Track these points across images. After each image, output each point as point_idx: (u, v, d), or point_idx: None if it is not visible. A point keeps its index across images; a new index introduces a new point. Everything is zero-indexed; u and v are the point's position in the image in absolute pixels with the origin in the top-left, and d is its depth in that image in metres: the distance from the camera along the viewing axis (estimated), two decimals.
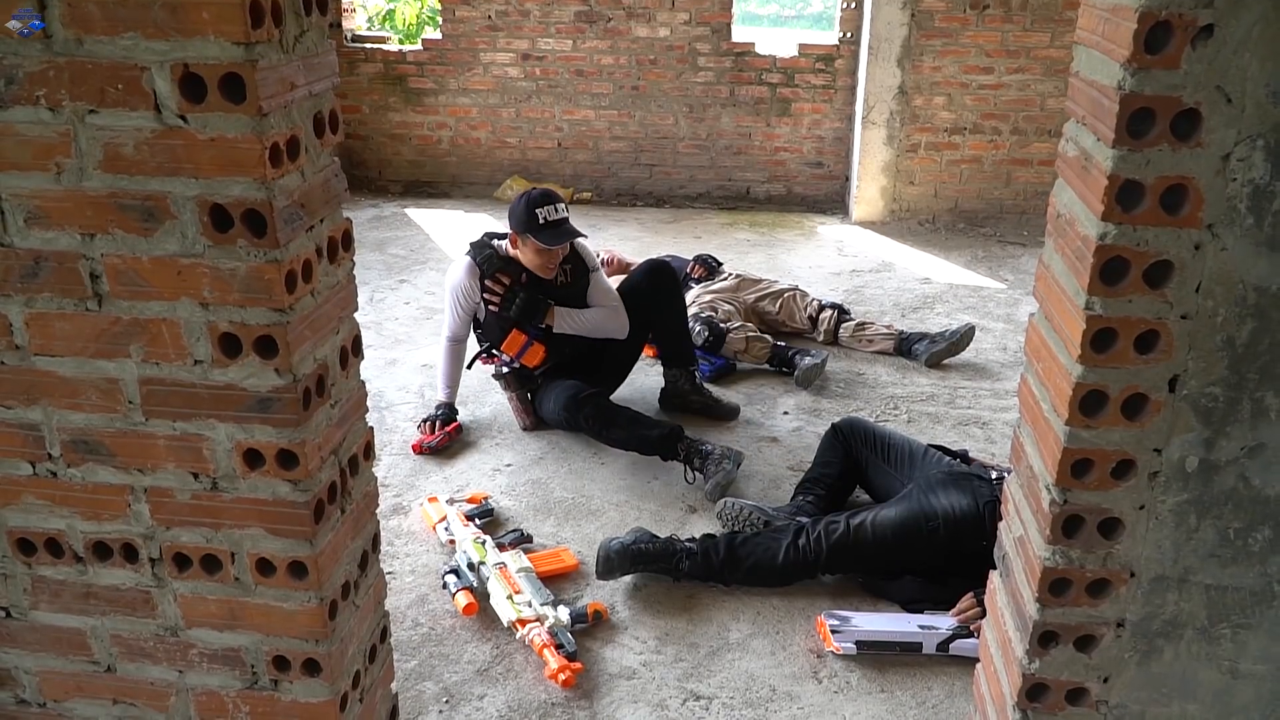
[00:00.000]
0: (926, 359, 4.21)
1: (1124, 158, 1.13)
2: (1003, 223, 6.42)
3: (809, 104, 6.71)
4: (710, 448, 3.19)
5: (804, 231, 6.33)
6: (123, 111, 1.23)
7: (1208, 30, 1.08)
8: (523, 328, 3.43)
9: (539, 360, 3.47)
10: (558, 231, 3.33)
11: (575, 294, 3.54)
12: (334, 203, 1.42)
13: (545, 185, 6.86)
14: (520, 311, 3.39)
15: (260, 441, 1.36)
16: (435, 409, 3.56)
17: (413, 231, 6.20)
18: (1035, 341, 1.40)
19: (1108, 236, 1.16)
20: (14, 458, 1.43)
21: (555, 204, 3.34)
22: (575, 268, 3.54)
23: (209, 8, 1.15)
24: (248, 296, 1.29)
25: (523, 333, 3.43)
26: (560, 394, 3.41)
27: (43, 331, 1.35)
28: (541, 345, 3.45)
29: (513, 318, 3.40)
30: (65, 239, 1.30)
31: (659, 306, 3.64)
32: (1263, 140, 1.11)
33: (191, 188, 1.25)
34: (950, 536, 2.60)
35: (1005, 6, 6.00)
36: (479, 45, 6.78)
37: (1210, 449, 1.25)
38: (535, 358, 3.46)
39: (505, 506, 3.11)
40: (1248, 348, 1.19)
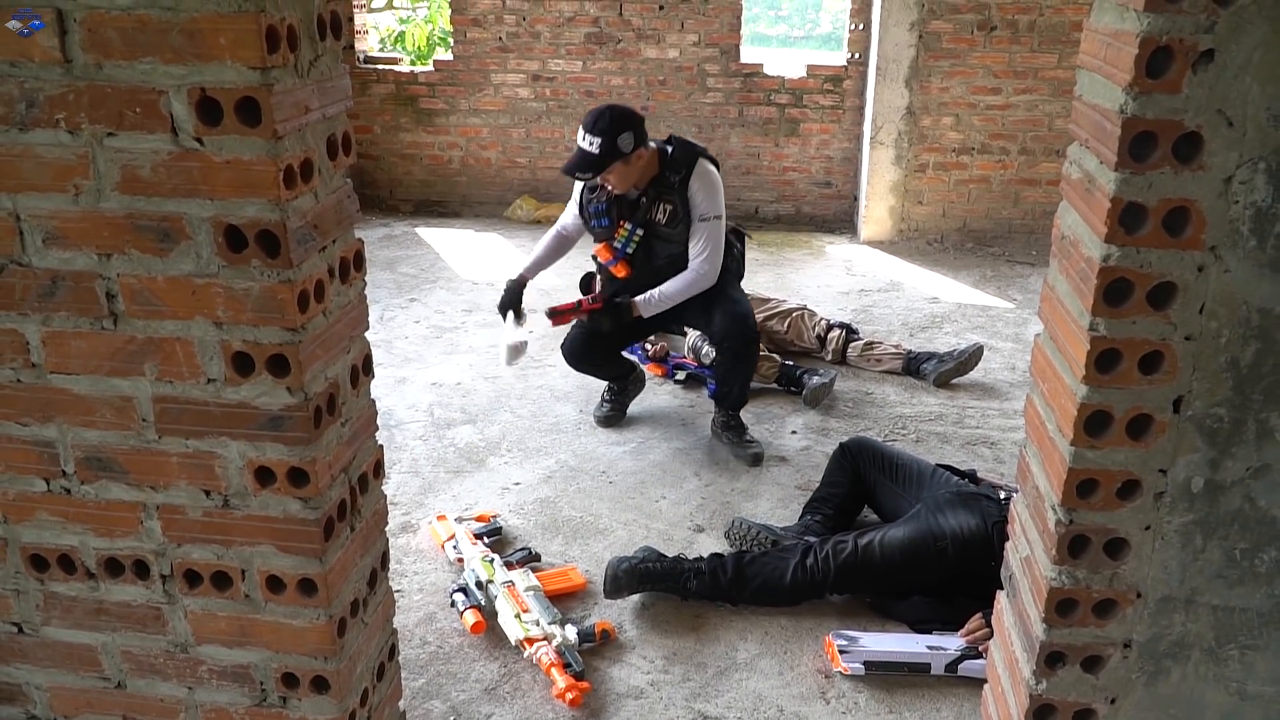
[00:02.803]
0: (935, 378, 4.21)
1: (1126, 181, 1.14)
2: (1011, 242, 6.42)
3: (817, 124, 6.74)
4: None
5: (812, 251, 6.35)
6: (140, 134, 1.25)
7: (1208, 55, 1.09)
8: (611, 244, 3.56)
9: (624, 275, 3.58)
10: (571, 161, 3.38)
11: (673, 233, 3.51)
12: (346, 223, 1.44)
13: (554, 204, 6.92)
14: (609, 323, 3.53)
15: (272, 459, 1.38)
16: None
17: (423, 251, 6.23)
18: (1040, 362, 1.41)
19: (1111, 258, 1.17)
20: (29, 474, 1.45)
21: (588, 131, 3.31)
22: (675, 210, 3.47)
23: (226, 33, 1.18)
24: (261, 316, 1.31)
25: (610, 250, 3.56)
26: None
27: (59, 350, 1.38)
28: (626, 266, 3.57)
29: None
30: (82, 259, 1.32)
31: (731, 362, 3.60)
32: (1264, 163, 1.12)
33: (207, 209, 1.27)
34: (959, 556, 2.60)
35: (1012, 28, 6.03)
36: (490, 66, 6.83)
37: (1215, 470, 1.25)
38: (621, 272, 3.59)
39: (513, 525, 3.12)
40: (1252, 369, 1.20)
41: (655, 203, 3.47)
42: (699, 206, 3.46)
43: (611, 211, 3.53)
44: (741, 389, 3.62)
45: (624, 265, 3.57)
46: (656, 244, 3.53)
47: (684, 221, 3.49)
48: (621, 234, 3.53)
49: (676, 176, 3.45)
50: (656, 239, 3.52)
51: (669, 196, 3.46)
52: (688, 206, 3.47)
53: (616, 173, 3.36)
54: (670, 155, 3.46)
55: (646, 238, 3.52)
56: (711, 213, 3.47)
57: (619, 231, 3.54)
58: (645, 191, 3.47)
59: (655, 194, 3.47)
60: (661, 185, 3.46)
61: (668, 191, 3.46)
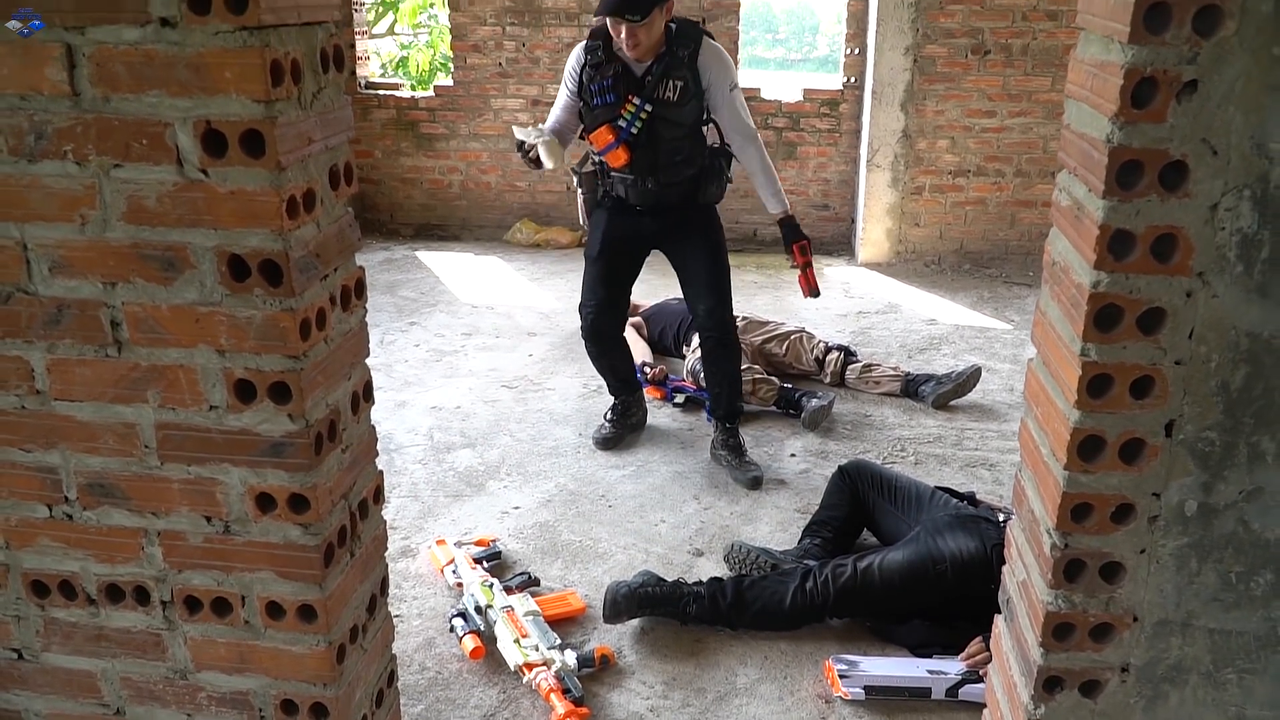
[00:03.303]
0: (933, 400, 4.22)
1: (1114, 208, 1.16)
2: (1008, 263, 6.46)
3: (814, 147, 6.79)
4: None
5: None
6: (146, 165, 1.27)
7: (1192, 85, 1.11)
8: (614, 124, 3.38)
9: (622, 162, 3.42)
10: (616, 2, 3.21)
11: (681, 114, 3.40)
12: (348, 252, 1.46)
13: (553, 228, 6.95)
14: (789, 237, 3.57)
15: (272, 485, 1.39)
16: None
17: (423, 274, 6.26)
18: (1034, 386, 1.43)
19: (1101, 284, 1.19)
20: (31, 500, 1.47)
21: None
22: (686, 85, 3.36)
23: (232, 67, 1.20)
24: (263, 344, 1.32)
25: (613, 131, 3.39)
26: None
27: (63, 377, 1.39)
28: (626, 151, 3.40)
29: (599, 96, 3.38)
30: (88, 287, 1.34)
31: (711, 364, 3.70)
32: (1249, 190, 1.14)
33: (211, 238, 1.29)
34: (958, 579, 2.60)
35: (1006, 52, 6.08)
36: (490, 92, 6.88)
37: (1208, 493, 1.27)
38: (618, 159, 3.42)
39: (513, 549, 3.12)
40: (1242, 393, 1.21)
41: (663, 79, 3.36)
42: (718, 78, 3.41)
43: (618, 88, 3.38)
44: (732, 389, 3.67)
45: (624, 150, 3.39)
46: (661, 127, 3.40)
47: (695, 97, 3.40)
48: (629, 109, 3.37)
49: (685, 51, 3.37)
50: (662, 121, 3.39)
51: (678, 72, 3.36)
52: (699, 82, 3.39)
53: (649, 26, 3.24)
54: (675, 31, 3.38)
55: (651, 119, 3.38)
56: (733, 81, 3.46)
57: (626, 108, 3.37)
58: (650, 69, 3.37)
59: (663, 70, 3.35)
60: (669, 61, 3.36)
61: (676, 67, 3.35)
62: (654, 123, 3.38)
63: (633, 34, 3.25)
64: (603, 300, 3.70)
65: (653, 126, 3.39)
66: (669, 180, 3.48)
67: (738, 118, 3.48)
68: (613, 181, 3.55)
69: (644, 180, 3.48)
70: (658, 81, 3.35)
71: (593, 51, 3.40)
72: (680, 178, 3.50)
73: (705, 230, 3.62)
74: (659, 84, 3.35)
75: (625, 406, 3.91)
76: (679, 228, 3.61)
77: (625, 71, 3.38)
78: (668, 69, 3.35)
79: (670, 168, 3.46)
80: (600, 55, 3.38)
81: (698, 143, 3.51)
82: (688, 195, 3.55)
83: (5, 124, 1.29)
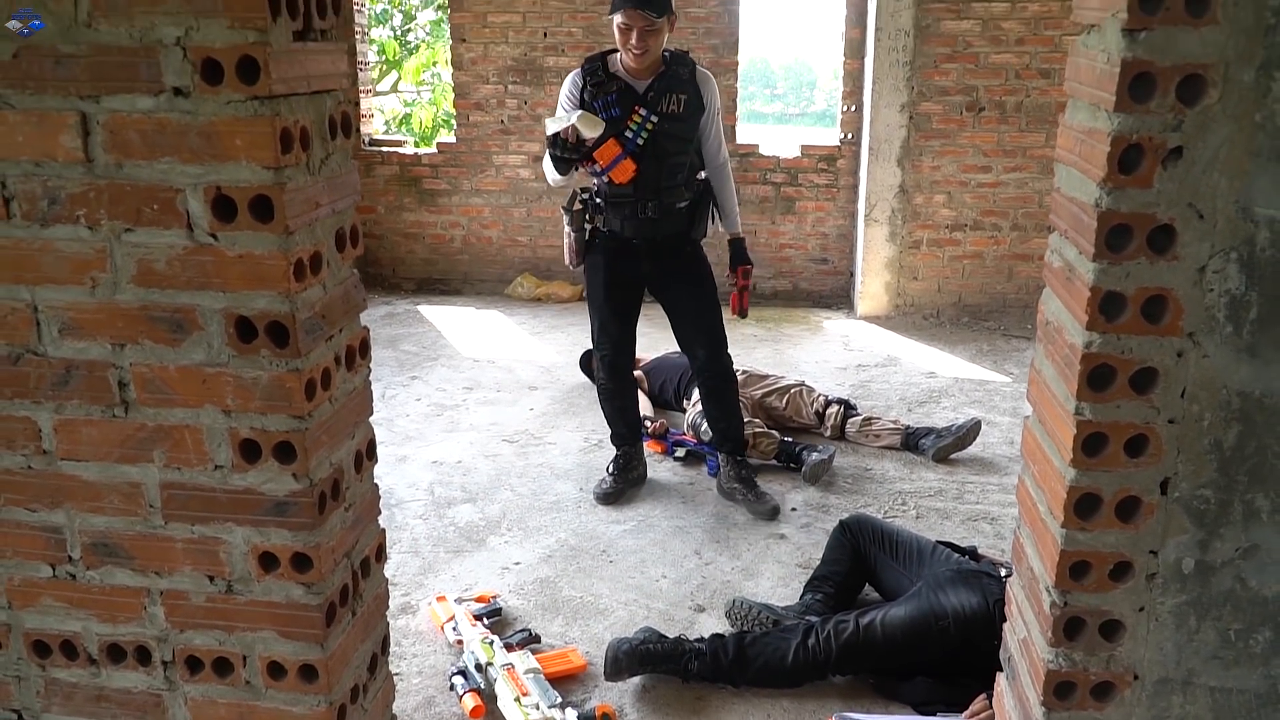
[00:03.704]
0: (934, 454, 4.23)
1: (1105, 270, 1.19)
2: (1006, 316, 6.49)
3: (813, 202, 6.86)
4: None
5: (810, 326, 6.42)
6: (157, 230, 1.30)
7: (1177, 152, 1.14)
8: (620, 137, 3.46)
9: (628, 177, 3.48)
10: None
11: (684, 129, 3.53)
12: (353, 313, 1.48)
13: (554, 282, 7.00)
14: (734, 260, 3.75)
15: (276, 545, 1.40)
16: None
17: (425, 328, 6.30)
18: (1030, 444, 1.44)
19: (1093, 345, 1.21)
20: (35, 560, 1.47)
21: None
22: (690, 100, 3.52)
23: (243, 135, 1.24)
24: (269, 404, 1.34)
25: (619, 144, 3.46)
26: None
27: (70, 437, 1.41)
28: (633, 162, 3.47)
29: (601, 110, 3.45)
30: (96, 349, 1.36)
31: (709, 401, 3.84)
32: (1235, 253, 1.16)
33: (219, 300, 1.31)
34: (961, 635, 2.59)
35: (1000, 109, 6.18)
36: (492, 148, 6.98)
37: (1205, 550, 1.28)
38: (625, 174, 3.48)
39: (513, 605, 3.11)
40: (1235, 451, 1.23)
41: (665, 94, 3.49)
42: (713, 98, 3.60)
43: (623, 102, 3.49)
44: (736, 420, 3.83)
45: (630, 164, 3.45)
46: (665, 141, 3.50)
47: (698, 112, 3.55)
48: (635, 120, 3.47)
49: (684, 70, 3.53)
50: (665, 135, 3.49)
51: (680, 88, 3.50)
52: (700, 97, 3.55)
53: (659, 33, 3.39)
54: (671, 56, 3.54)
55: (655, 133, 3.48)
56: (719, 105, 3.67)
57: (632, 119, 3.47)
58: (651, 85, 3.50)
59: (664, 86, 3.49)
60: (670, 79, 3.50)
61: (677, 84, 3.50)
62: (658, 136, 3.50)
63: (643, 37, 3.37)
64: (616, 340, 3.81)
65: (657, 140, 3.50)
66: (668, 203, 3.57)
67: (720, 138, 3.70)
68: (607, 216, 3.62)
69: (644, 205, 3.55)
70: (660, 96, 3.49)
71: (592, 73, 3.53)
72: (678, 203, 3.60)
73: (698, 272, 3.74)
74: (661, 98, 3.49)
75: (627, 459, 3.92)
76: (673, 270, 3.72)
77: (628, 89, 3.50)
78: (669, 85, 3.50)
79: (671, 190, 3.56)
80: (601, 75, 3.51)
81: (693, 167, 3.64)
82: (682, 229, 3.66)
83: (19, 189, 1.33)
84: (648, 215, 3.56)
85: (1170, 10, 1.12)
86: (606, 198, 3.60)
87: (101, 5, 1.24)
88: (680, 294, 3.75)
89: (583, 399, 4.99)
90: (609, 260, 3.69)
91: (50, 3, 1.26)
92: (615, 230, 3.62)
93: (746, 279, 3.84)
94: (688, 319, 3.77)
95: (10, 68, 1.28)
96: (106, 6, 1.24)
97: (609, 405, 3.92)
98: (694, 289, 3.72)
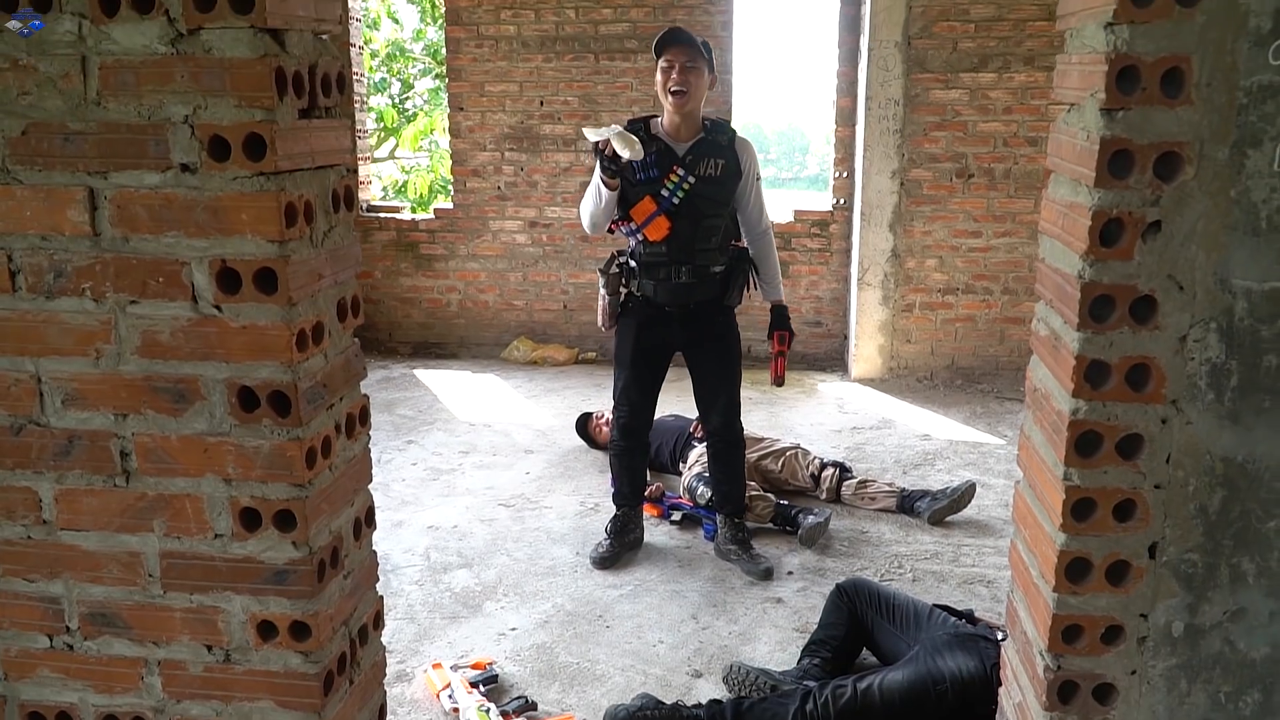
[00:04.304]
0: (929, 516, 4.23)
1: (1089, 340, 1.22)
2: (999, 379, 6.53)
3: (806, 266, 6.94)
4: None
5: (805, 389, 6.45)
6: (162, 302, 1.33)
7: (1156, 226, 1.18)
8: (656, 195, 3.50)
9: (663, 234, 3.53)
10: (672, 33, 3.43)
11: (720, 193, 3.57)
12: (353, 381, 1.51)
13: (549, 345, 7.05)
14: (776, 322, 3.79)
15: (274, 613, 1.41)
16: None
17: (421, 392, 6.32)
18: (1022, 509, 1.46)
19: (1080, 412, 1.24)
20: (33, 631, 1.48)
21: (682, 30, 3.50)
22: (729, 165, 3.57)
23: (248, 210, 1.27)
24: (270, 472, 1.36)
25: (654, 201, 3.51)
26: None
27: (71, 507, 1.42)
28: (667, 220, 3.51)
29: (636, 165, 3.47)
30: (99, 419, 1.38)
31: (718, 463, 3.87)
32: (1215, 323, 1.20)
33: (222, 371, 1.34)
34: (959, 700, 2.57)
35: (989, 176, 6.29)
36: (488, 214, 7.07)
37: (1194, 614, 1.29)
38: (659, 231, 3.52)
39: (510, 672, 3.09)
40: (1220, 515, 1.25)
41: (704, 158, 3.54)
42: (752, 166, 3.66)
43: (661, 164, 3.54)
44: (740, 484, 3.88)
45: (665, 221, 3.52)
46: (701, 204, 3.55)
47: (735, 178, 3.60)
48: (673, 179, 3.52)
49: (724, 137, 3.59)
50: (701, 198, 3.54)
51: (719, 154, 3.55)
52: (739, 164, 3.60)
53: (699, 75, 3.47)
54: (712, 123, 3.62)
55: (691, 195, 3.52)
56: (759, 172, 3.72)
57: (669, 178, 3.52)
58: (690, 149, 3.55)
59: (703, 151, 3.55)
60: (707, 145, 3.56)
61: (716, 149, 3.55)
62: (694, 198, 3.55)
63: (684, 72, 3.45)
64: (636, 404, 3.84)
65: (693, 201, 3.55)
66: (702, 267, 3.61)
67: (761, 205, 3.74)
68: (641, 280, 3.67)
69: (679, 269, 3.60)
70: (698, 159, 3.56)
71: (634, 134, 3.57)
72: (712, 267, 3.64)
73: (727, 340, 3.79)
74: (700, 162, 3.56)
75: (624, 522, 3.92)
76: (703, 335, 3.76)
77: (667, 150, 3.57)
78: (708, 150, 3.57)
79: (705, 252, 3.60)
80: (642, 135, 3.56)
81: (728, 234, 3.69)
82: (716, 296, 3.70)
83: (26, 262, 1.36)
84: (681, 280, 3.61)
85: (1146, 91, 1.17)
86: (641, 260, 3.65)
87: (111, 84, 1.29)
88: (706, 357, 3.80)
89: (579, 462, 4.99)
90: (640, 326, 3.74)
91: (60, 81, 1.30)
92: (649, 296, 3.67)
93: (784, 345, 3.85)
94: (708, 383, 3.82)
95: (19, 144, 1.32)
96: (116, 85, 1.29)
97: (619, 463, 3.94)
98: (721, 355, 3.78)
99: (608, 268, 3.74)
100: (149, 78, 1.27)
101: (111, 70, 1.28)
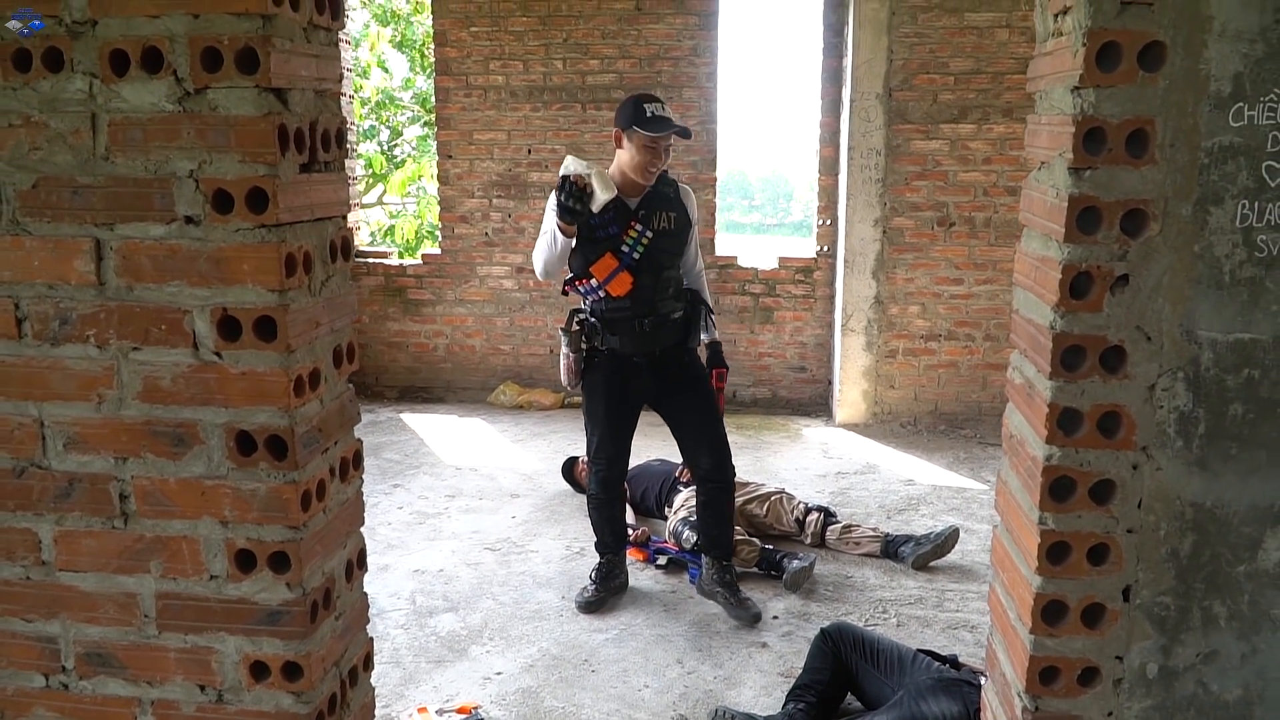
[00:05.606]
0: (913, 561, 4.25)
1: (1061, 388, 1.27)
2: (982, 424, 6.59)
3: (790, 312, 7.02)
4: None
5: (789, 434, 6.49)
6: (164, 349, 1.37)
7: (1124, 279, 1.24)
8: (616, 252, 3.56)
9: (627, 289, 3.58)
10: (664, 121, 3.49)
11: (675, 244, 3.69)
12: (348, 425, 1.54)
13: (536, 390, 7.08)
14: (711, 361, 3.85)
15: (267, 654, 1.43)
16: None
17: (407, 436, 6.33)
18: (999, 553, 1.50)
19: (1053, 458, 1.28)
20: (29, 670, 1.49)
21: (661, 103, 3.56)
22: (679, 218, 3.69)
23: (250, 260, 1.31)
24: (265, 515, 1.38)
25: (615, 257, 3.57)
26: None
27: (70, 548, 1.44)
28: (630, 275, 3.58)
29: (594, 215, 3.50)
30: (99, 462, 1.41)
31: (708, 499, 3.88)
32: (1182, 373, 1.25)
33: (221, 415, 1.37)
34: None
35: (970, 224, 6.40)
36: (476, 259, 7.14)
37: (1168, 656, 1.33)
38: (623, 286, 3.58)
39: (495, 717, 3.08)
40: (1191, 559, 1.29)
41: (656, 211, 3.63)
42: (694, 214, 3.79)
43: (620, 219, 3.61)
44: (728, 530, 3.88)
45: (627, 277, 3.59)
46: (659, 256, 3.64)
47: (686, 228, 3.72)
48: (632, 234, 3.59)
49: (670, 189, 3.71)
50: (659, 250, 3.63)
51: (669, 207, 3.66)
52: (688, 214, 3.73)
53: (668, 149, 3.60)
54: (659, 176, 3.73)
55: (650, 248, 3.60)
56: (697, 216, 3.86)
57: (629, 233, 3.60)
58: (640, 203, 3.63)
59: (654, 204, 3.64)
60: (658, 198, 3.66)
61: (665, 202, 3.66)
62: (653, 252, 3.64)
63: (665, 155, 3.59)
64: (612, 456, 3.86)
65: (653, 255, 3.64)
66: (665, 314, 3.69)
67: (697, 247, 3.90)
68: (604, 335, 3.71)
69: (642, 320, 3.66)
70: (650, 213, 3.64)
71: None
72: (673, 314, 3.72)
73: (698, 383, 3.83)
74: (653, 215, 3.65)
75: (610, 568, 3.93)
76: (673, 382, 3.80)
77: (621, 205, 3.63)
78: (659, 203, 3.67)
79: (665, 301, 3.69)
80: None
81: (681, 280, 3.79)
82: (679, 339, 3.77)
83: (32, 310, 1.39)
84: (645, 329, 3.67)
85: (1112, 151, 1.23)
86: (603, 316, 3.70)
87: (119, 140, 1.34)
88: (682, 404, 3.83)
89: (564, 506, 5.00)
90: (608, 379, 3.77)
91: (70, 137, 1.35)
92: (615, 349, 3.72)
93: (721, 382, 3.93)
94: (690, 429, 3.84)
95: (29, 196, 1.37)
96: (124, 141, 1.33)
97: (598, 514, 3.94)
98: (695, 400, 3.81)
99: (569, 325, 3.80)
100: (156, 134, 1.32)
101: (120, 127, 1.32)
